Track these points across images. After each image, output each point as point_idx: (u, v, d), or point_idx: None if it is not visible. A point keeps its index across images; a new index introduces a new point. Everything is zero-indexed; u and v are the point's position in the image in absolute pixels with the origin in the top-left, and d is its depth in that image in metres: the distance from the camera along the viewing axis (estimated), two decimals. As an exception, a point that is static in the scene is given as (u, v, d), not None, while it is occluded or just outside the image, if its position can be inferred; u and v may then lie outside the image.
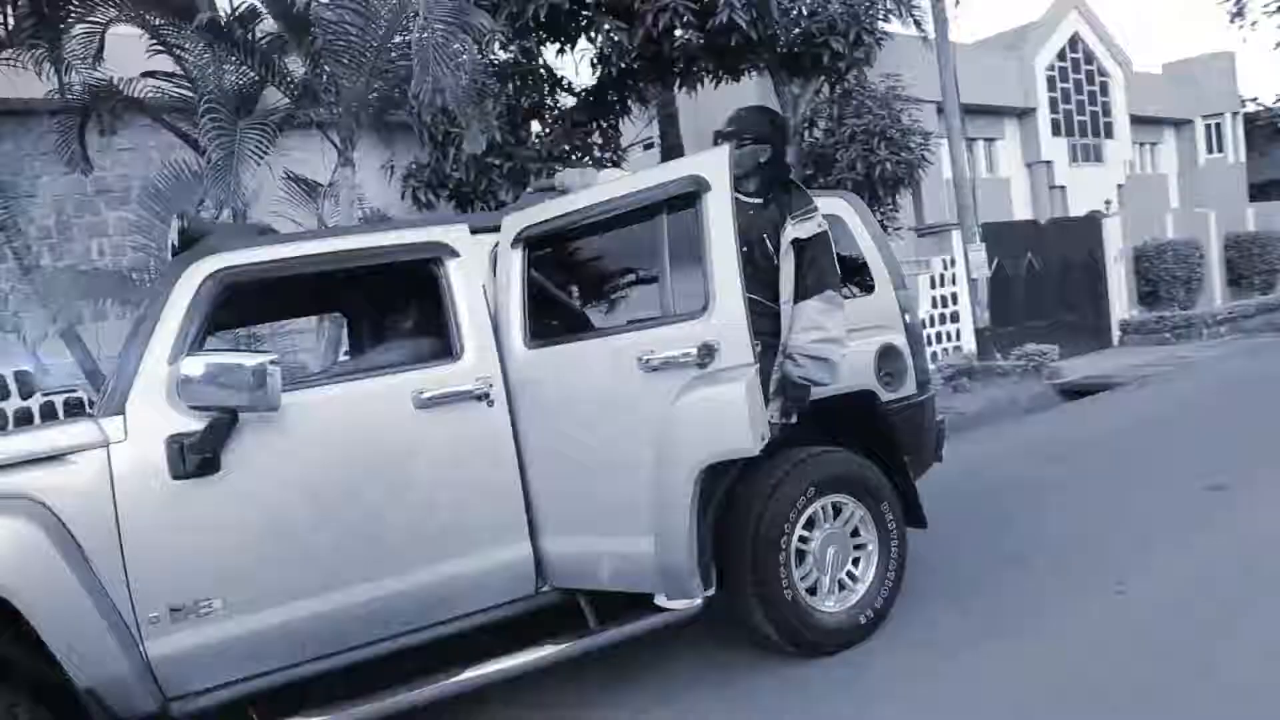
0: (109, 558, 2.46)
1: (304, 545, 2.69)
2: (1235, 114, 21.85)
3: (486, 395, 2.96)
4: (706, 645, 3.39)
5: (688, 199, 2.79)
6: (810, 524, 3.23)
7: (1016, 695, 2.78)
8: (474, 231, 3.13)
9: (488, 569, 2.95)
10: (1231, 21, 23.79)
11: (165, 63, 6.31)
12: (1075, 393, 10.09)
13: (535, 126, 12.39)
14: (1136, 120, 21.08)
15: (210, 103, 5.22)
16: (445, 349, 3.03)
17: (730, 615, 3.22)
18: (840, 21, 10.79)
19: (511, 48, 10.25)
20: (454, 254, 3.06)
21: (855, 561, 3.37)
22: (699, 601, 2.89)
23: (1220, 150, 22.04)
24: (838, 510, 3.32)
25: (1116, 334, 13.90)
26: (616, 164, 12.74)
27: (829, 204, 3.72)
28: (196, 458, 2.53)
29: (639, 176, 2.97)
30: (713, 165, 2.75)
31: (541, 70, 11.90)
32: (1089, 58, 20.46)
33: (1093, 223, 14.62)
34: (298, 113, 5.85)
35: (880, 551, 3.37)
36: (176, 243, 3.08)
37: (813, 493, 3.19)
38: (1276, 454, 5.42)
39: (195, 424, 2.55)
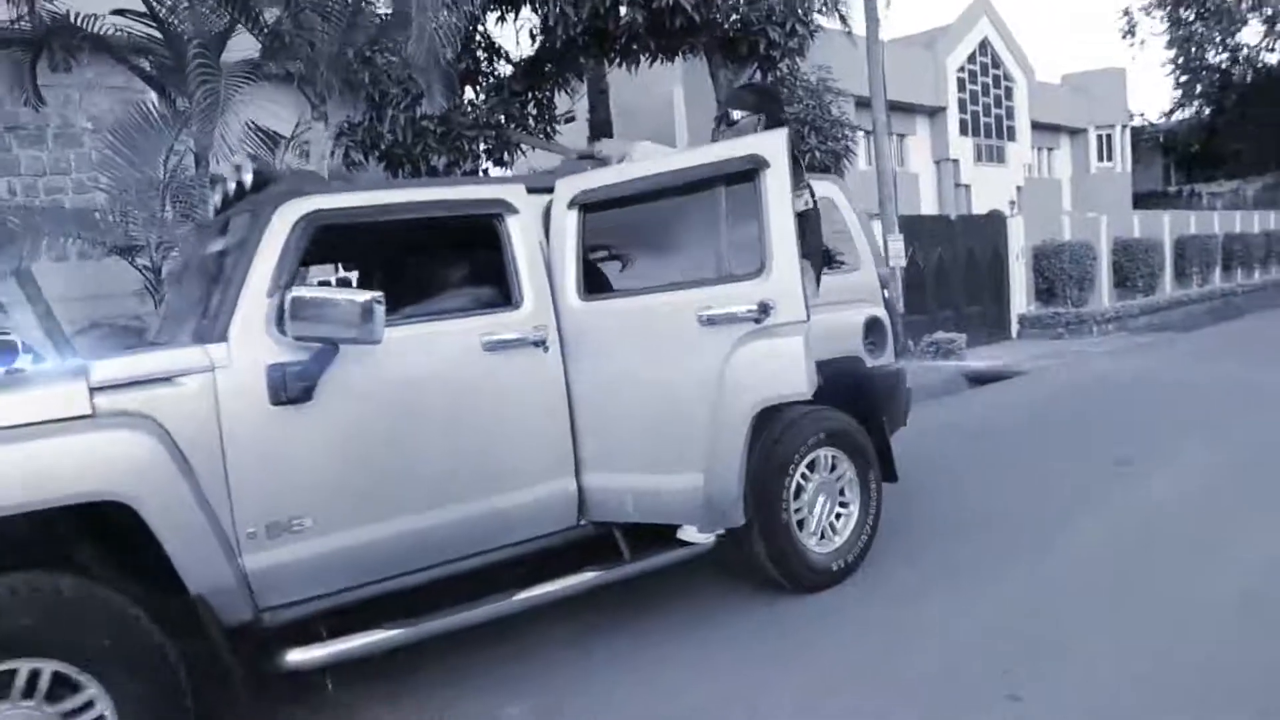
0: (214, 475, 2.65)
1: (384, 471, 2.94)
2: (1124, 126, 23.64)
3: (543, 342, 3.27)
4: (701, 593, 3.84)
5: (746, 174, 3.16)
6: (811, 466, 3.74)
7: (962, 639, 3.30)
8: (530, 192, 3.42)
9: (537, 501, 3.27)
10: (1123, 38, 25.71)
11: (132, 1, 6.22)
12: (980, 379, 10.92)
13: (468, 93, 12.48)
14: (1037, 126, 22.58)
15: (199, 46, 5.24)
16: (507, 298, 3.31)
17: (733, 556, 3.68)
18: (778, 11, 11.27)
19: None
20: (514, 211, 3.35)
21: (838, 516, 3.88)
22: (713, 539, 3.34)
23: (1110, 159, 23.81)
24: (833, 465, 3.82)
25: (1015, 327, 15.02)
26: (549, 136, 12.99)
27: (823, 187, 4.18)
28: (298, 386, 2.75)
29: (697, 152, 3.37)
30: (771, 146, 3.14)
31: (479, 38, 12.02)
32: (996, 62, 21.75)
33: (998, 221, 15.70)
34: (269, 63, 5.88)
35: (861, 504, 3.90)
36: (247, 185, 3.22)
37: (818, 439, 3.69)
38: (1169, 435, 6.23)
39: (290, 354, 2.76)
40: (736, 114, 3.87)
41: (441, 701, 3.09)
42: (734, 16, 11.34)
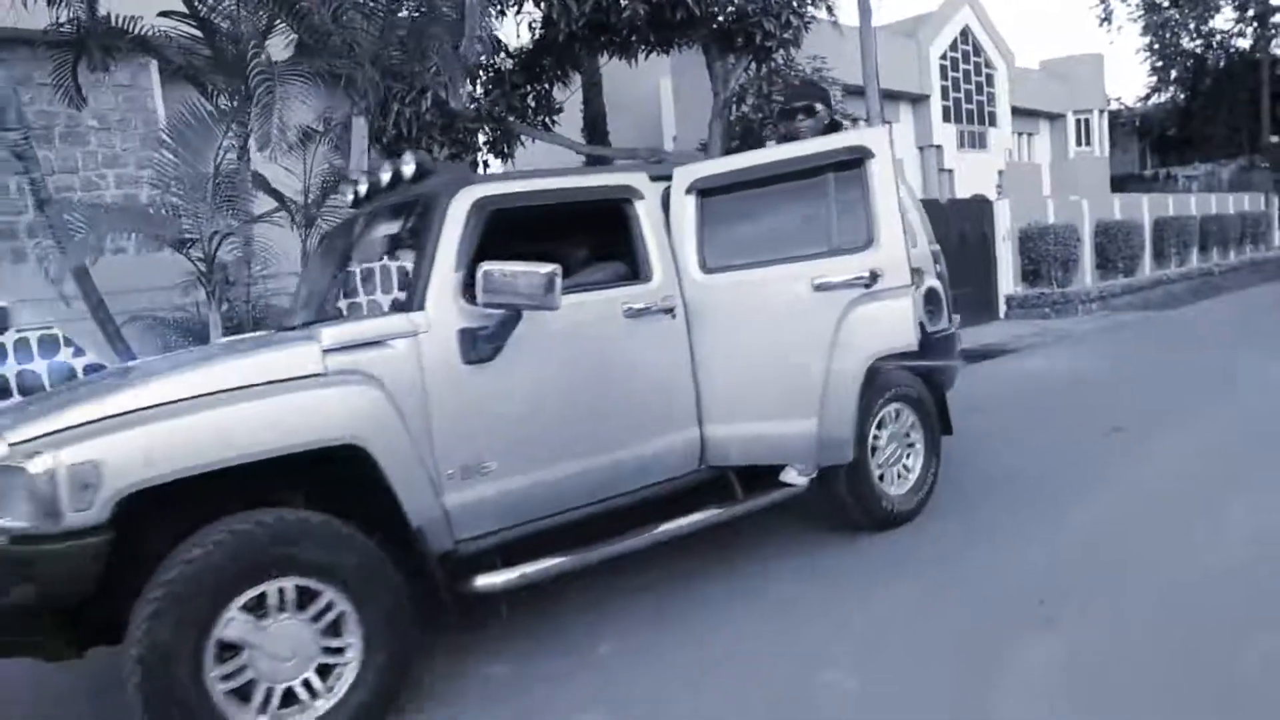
0: (420, 424, 3.10)
1: (551, 422, 3.43)
2: (1102, 111, 24.29)
3: (671, 310, 3.80)
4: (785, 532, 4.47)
5: (853, 163, 3.73)
6: (885, 419, 4.35)
7: (999, 577, 3.80)
8: (652, 179, 3.94)
9: (668, 449, 3.80)
10: (1100, 24, 26.34)
11: (171, 2, 6.47)
12: (972, 357, 11.39)
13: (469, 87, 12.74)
14: (1017, 112, 23.18)
15: (255, 45, 5.54)
16: (639, 273, 3.82)
17: (821, 501, 4.27)
18: (773, 3, 11.65)
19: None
20: (640, 196, 3.88)
21: (906, 464, 4.50)
22: (807, 481, 3.89)
23: (1088, 144, 24.46)
24: (901, 418, 4.43)
25: (1003, 308, 15.54)
26: (548, 128, 13.32)
27: None
28: (488, 347, 3.22)
29: (806, 144, 3.94)
30: (875, 138, 3.73)
31: (480, 31, 12.30)
32: (978, 49, 22.31)
33: (985, 204, 16.24)
34: (306, 61, 6.15)
35: (925, 454, 4.55)
36: (407, 176, 3.70)
37: (891, 394, 4.27)
38: (1158, 406, 6.78)
39: (476, 321, 3.23)
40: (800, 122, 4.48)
41: (584, 628, 3.60)
42: (730, 8, 11.71)
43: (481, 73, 12.74)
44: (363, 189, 4.08)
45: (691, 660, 3.26)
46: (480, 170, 12.69)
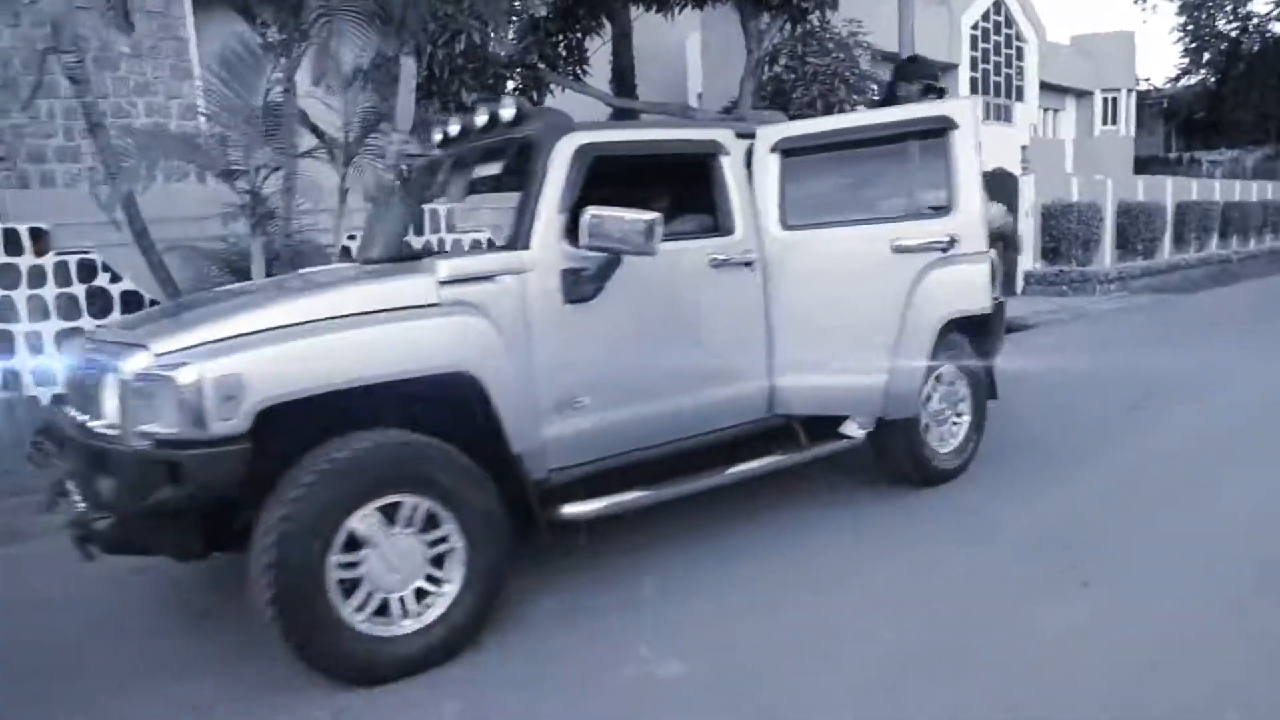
0: (523, 358, 3.26)
1: (641, 362, 3.61)
2: (1130, 90, 24.07)
3: (750, 263, 3.98)
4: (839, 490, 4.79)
5: (937, 132, 3.93)
6: (938, 379, 4.53)
7: (1035, 534, 4.02)
8: (737, 136, 4.08)
9: (740, 395, 4.01)
10: (1135, 2, 25.96)
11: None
12: (995, 331, 11.46)
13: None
14: (1044, 87, 22.97)
15: None
16: (721, 225, 3.98)
17: (875, 456, 4.56)
18: (815, -39, 11.53)
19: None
20: (726, 152, 4.02)
21: (959, 416, 4.71)
22: (864, 434, 4.18)
23: (1114, 123, 24.29)
24: (952, 380, 4.60)
25: (1021, 283, 15.59)
26: (578, 78, 13.28)
27: None
28: (590, 287, 3.39)
29: (890, 110, 4.14)
30: (959, 110, 3.95)
31: (515, -23, 12.24)
32: (1009, 21, 22.05)
33: (1009, 179, 16.20)
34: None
35: (972, 415, 4.74)
36: (505, 119, 3.80)
37: (943, 357, 4.41)
38: (1173, 384, 6.97)
39: (577, 262, 3.39)
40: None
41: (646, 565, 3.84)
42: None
43: (515, 18, 12.67)
44: (454, 130, 4.19)
45: (761, 598, 3.51)
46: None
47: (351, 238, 7.91)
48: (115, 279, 7.29)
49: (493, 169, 3.85)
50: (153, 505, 2.72)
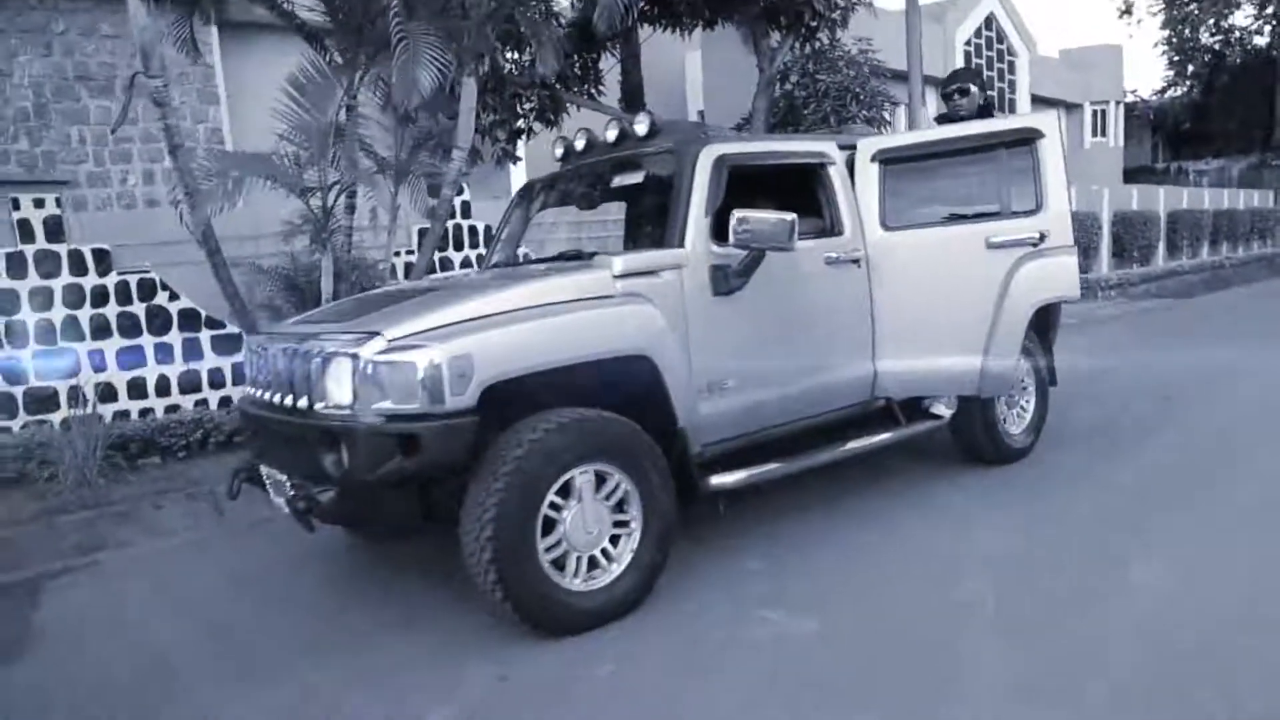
0: (683, 344, 3.69)
1: (776, 348, 4.07)
2: (1119, 103, 24.72)
3: (857, 261, 4.45)
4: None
5: (1026, 141, 4.42)
6: None
7: (1097, 510, 4.42)
8: (840, 149, 4.57)
9: (851, 379, 4.46)
10: (1121, 16, 26.72)
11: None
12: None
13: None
14: (1036, 100, 23.55)
15: (399, 9, 5.85)
16: (832, 227, 4.45)
17: (954, 435, 5.06)
18: (821, -17, 11.94)
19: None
20: (832, 161, 4.50)
21: (1025, 399, 5.22)
22: (949, 414, 4.68)
23: (1103, 135, 24.92)
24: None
25: (1025, 292, 16.00)
26: (593, 97, 13.62)
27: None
28: (739, 280, 3.82)
29: (980, 124, 4.63)
30: (1045, 121, 4.44)
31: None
32: (1001, 36, 22.67)
33: (1010, 191, 16.63)
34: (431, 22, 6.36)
35: (1037, 399, 5.26)
36: (641, 133, 4.25)
37: None
38: (1194, 378, 7.46)
39: (722, 260, 3.83)
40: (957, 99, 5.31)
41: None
42: (781, -14, 11.98)
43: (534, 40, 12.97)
44: (579, 145, 4.67)
45: (884, 568, 3.92)
46: (525, 138, 12.99)
47: (396, 254, 8.20)
48: (174, 297, 7.53)
49: (630, 179, 4.28)
50: (385, 474, 3.05)
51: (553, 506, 3.25)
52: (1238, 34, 26.34)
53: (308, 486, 3.31)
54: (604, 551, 3.40)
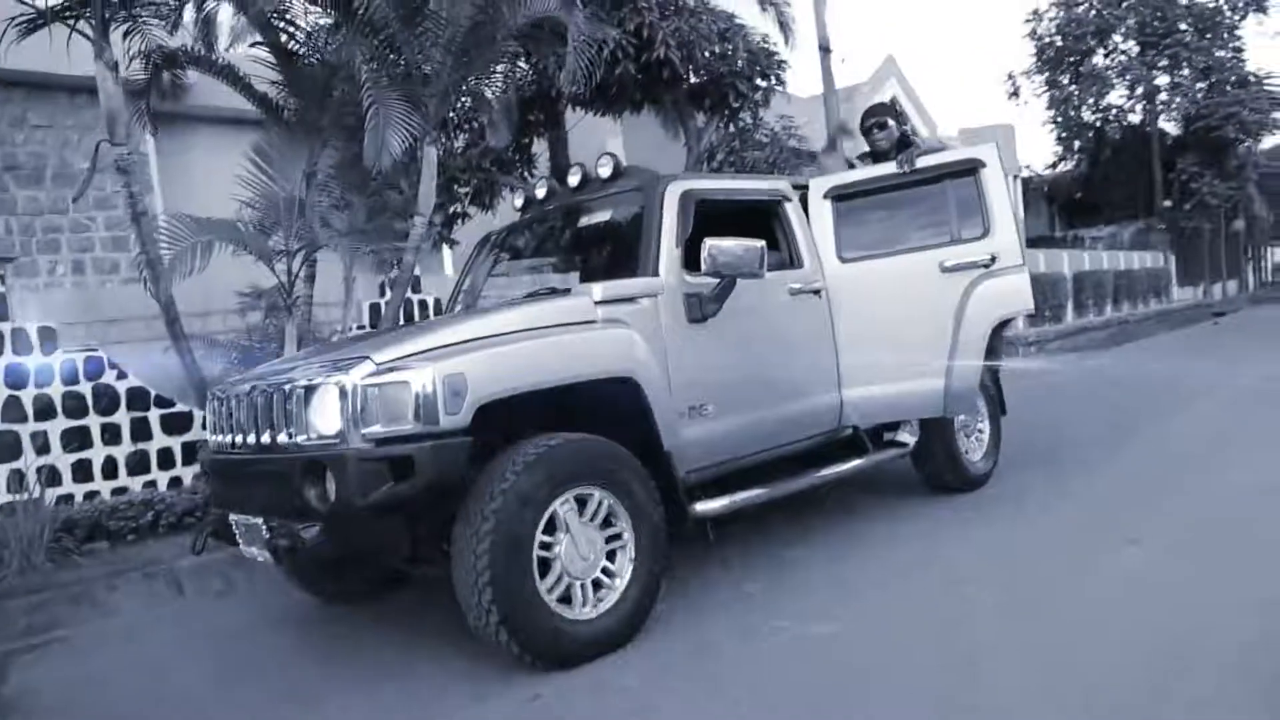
0: (662, 368, 3.78)
1: (751, 375, 4.15)
2: (1015, 176, 26.16)
3: (818, 291, 4.66)
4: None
5: (968, 171, 4.71)
6: None
7: (1066, 530, 4.61)
8: (794, 188, 4.82)
9: (820, 407, 4.62)
10: (1009, 98, 28.58)
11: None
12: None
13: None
14: (941, 176, 24.74)
15: (371, 75, 5.96)
16: (792, 260, 4.67)
17: (916, 465, 5.22)
18: (746, 67, 12.62)
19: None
20: (788, 198, 4.77)
21: (980, 428, 5.46)
22: (913, 441, 4.82)
23: (1004, 207, 26.19)
24: None
25: (949, 352, 16.63)
26: (525, 179, 13.91)
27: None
28: (713, 307, 3.92)
29: (929, 158, 4.85)
30: (987, 153, 4.73)
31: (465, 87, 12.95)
32: (903, 118, 23.89)
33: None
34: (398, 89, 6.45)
35: (991, 426, 5.51)
36: (604, 176, 4.44)
37: None
38: (1129, 419, 7.76)
39: (694, 289, 3.96)
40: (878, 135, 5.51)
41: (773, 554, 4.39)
42: (703, 72, 12.61)
43: (467, 124, 13.25)
44: (540, 193, 4.80)
45: (868, 577, 4.08)
46: (461, 221, 13.15)
47: (360, 327, 8.14)
48: (121, 375, 7.30)
49: (597, 219, 4.45)
50: (377, 502, 2.97)
51: (543, 546, 3.20)
52: (1114, 111, 28.48)
53: (289, 524, 3.19)
54: (605, 570, 3.39)
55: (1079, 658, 2.94)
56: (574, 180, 4.57)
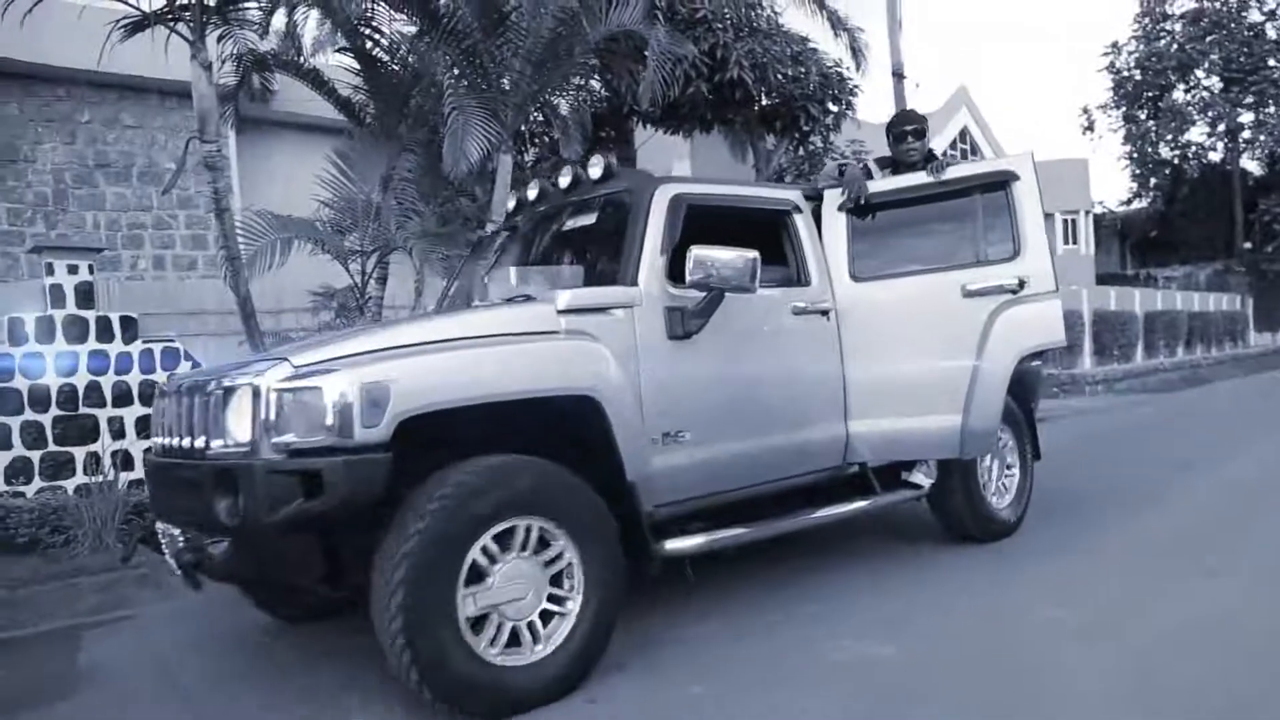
0: (633, 387, 3.35)
1: (738, 400, 3.76)
2: (1088, 212, 25.70)
3: (827, 313, 4.18)
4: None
5: (1000, 185, 4.27)
6: None
7: (1105, 576, 4.22)
8: (806, 198, 4.39)
9: (821, 440, 4.11)
10: (1084, 133, 28.06)
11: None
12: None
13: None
14: (1010, 209, 24.36)
15: (452, 82, 6.10)
16: (798, 277, 4.19)
17: (935, 511, 4.74)
18: (818, 90, 12.55)
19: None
20: (799, 210, 4.30)
21: (1009, 472, 4.93)
22: (929, 484, 4.33)
23: (1075, 243, 25.76)
24: (1001, 437, 4.79)
25: (1012, 387, 16.25)
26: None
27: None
28: (696, 323, 3.53)
29: (952, 168, 4.41)
30: (1020, 163, 4.30)
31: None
32: (974, 149, 23.74)
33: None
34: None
35: (1021, 470, 5.00)
36: (594, 177, 4.03)
37: None
38: (1199, 456, 7.55)
39: (678, 302, 3.54)
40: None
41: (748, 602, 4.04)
42: (775, 94, 12.58)
43: (537, 140, 13.40)
44: (532, 194, 4.41)
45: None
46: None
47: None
48: (196, 365, 7.50)
49: (583, 222, 4.07)
50: (285, 519, 2.66)
51: (473, 578, 2.85)
52: (1194, 148, 27.79)
53: (199, 538, 2.96)
54: (530, 626, 2.97)
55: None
56: (565, 181, 4.11)
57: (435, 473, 2.83)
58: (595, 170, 4.01)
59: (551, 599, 3.01)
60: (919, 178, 4.38)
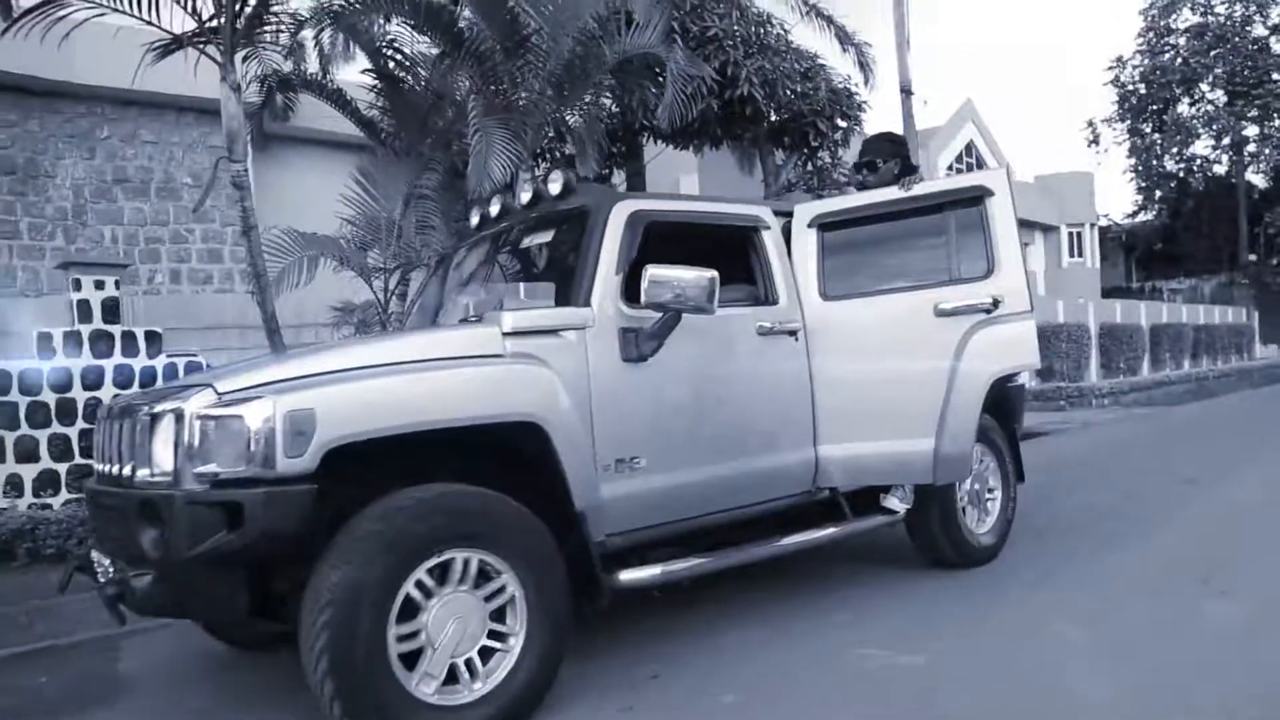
0: (583, 413, 3.23)
1: (696, 425, 3.62)
2: (1093, 225, 25.84)
3: (795, 333, 4.05)
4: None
5: (973, 200, 4.10)
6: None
7: (1087, 603, 4.06)
8: (775, 214, 4.26)
9: (790, 465, 3.99)
10: (1089, 146, 28.21)
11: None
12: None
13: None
14: (1015, 222, 24.49)
15: (475, 105, 6.24)
16: (765, 295, 4.06)
17: (912, 536, 4.58)
18: (827, 106, 12.69)
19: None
20: (766, 226, 4.15)
21: (990, 496, 4.76)
22: (904, 509, 4.21)
23: (1080, 255, 25.90)
24: (982, 458, 4.67)
25: (1021, 400, 16.36)
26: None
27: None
28: (648, 345, 3.40)
29: (925, 184, 4.25)
30: (995, 179, 4.13)
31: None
32: (980, 162, 23.89)
33: (1000, 302, 17.22)
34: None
35: (1003, 493, 4.81)
36: (553, 194, 3.88)
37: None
38: (1205, 469, 7.53)
39: (633, 323, 3.41)
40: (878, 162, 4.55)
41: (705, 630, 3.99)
42: (784, 111, 12.72)
43: (548, 156, 13.55)
44: (494, 210, 4.29)
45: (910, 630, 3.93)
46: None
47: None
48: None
49: (539, 240, 3.98)
50: (206, 553, 2.57)
51: (405, 614, 2.72)
52: (1199, 161, 27.93)
53: (123, 570, 2.85)
54: (469, 663, 2.83)
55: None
56: (525, 196, 3.99)
57: (371, 504, 2.74)
58: (555, 186, 3.90)
59: (492, 635, 2.89)
60: (890, 193, 4.25)
